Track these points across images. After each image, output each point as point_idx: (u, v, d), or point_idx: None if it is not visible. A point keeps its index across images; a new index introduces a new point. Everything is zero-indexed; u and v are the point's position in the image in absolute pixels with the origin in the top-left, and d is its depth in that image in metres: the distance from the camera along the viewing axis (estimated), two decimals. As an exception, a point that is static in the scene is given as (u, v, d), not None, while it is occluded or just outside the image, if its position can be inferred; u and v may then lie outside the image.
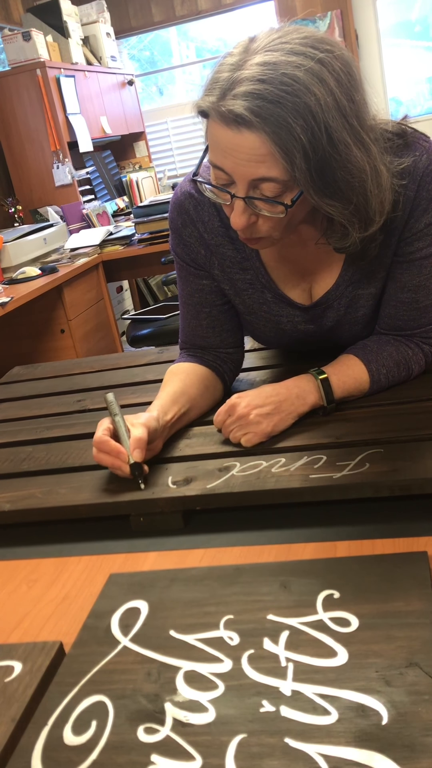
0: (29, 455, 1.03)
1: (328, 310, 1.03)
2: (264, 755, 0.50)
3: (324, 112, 0.75)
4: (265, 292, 1.04)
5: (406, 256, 0.95)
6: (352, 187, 0.80)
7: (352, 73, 0.79)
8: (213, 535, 0.81)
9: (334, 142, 0.76)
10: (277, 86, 0.74)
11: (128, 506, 0.85)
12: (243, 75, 0.75)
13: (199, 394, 1.03)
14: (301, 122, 0.74)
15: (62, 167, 3.63)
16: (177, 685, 0.57)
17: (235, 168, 0.80)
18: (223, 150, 0.80)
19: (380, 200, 0.84)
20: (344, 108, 0.77)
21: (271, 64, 0.74)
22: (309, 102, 0.74)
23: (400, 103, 4.67)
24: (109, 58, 4.34)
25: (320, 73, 0.75)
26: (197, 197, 1.00)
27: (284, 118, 0.74)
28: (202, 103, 0.80)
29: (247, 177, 0.80)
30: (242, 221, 0.84)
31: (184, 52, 5.05)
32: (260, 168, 0.78)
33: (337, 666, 0.56)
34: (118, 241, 3.26)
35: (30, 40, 3.50)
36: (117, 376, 1.33)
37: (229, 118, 0.76)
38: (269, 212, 0.83)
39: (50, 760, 0.52)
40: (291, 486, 0.80)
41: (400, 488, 0.78)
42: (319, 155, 0.76)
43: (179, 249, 1.06)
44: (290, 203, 0.81)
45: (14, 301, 2.43)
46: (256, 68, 0.75)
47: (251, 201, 0.82)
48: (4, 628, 0.71)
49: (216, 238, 1.02)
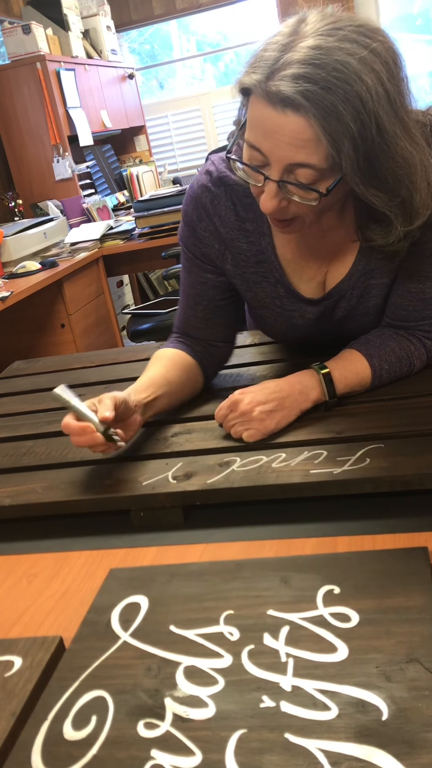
0: (29, 450, 1.03)
1: (341, 300, 1.02)
2: (264, 750, 0.50)
3: (374, 101, 0.74)
4: (278, 286, 1.04)
5: (418, 245, 0.94)
6: (399, 179, 0.79)
7: (401, 65, 0.78)
8: (213, 531, 0.81)
9: (383, 133, 0.76)
10: (329, 72, 0.73)
11: (128, 501, 0.85)
12: (294, 57, 0.74)
13: (179, 381, 1.04)
14: (351, 110, 0.73)
15: (62, 161, 3.62)
16: (177, 681, 0.57)
17: (273, 150, 0.79)
18: (264, 130, 0.78)
19: (427, 193, 0.82)
20: (394, 99, 0.76)
21: (323, 49, 0.73)
22: (360, 90, 0.73)
23: (402, 97, 4.65)
24: (110, 51, 4.32)
25: (372, 63, 0.74)
26: (214, 191, 0.99)
27: (334, 105, 0.73)
28: (247, 80, 0.78)
29: (284, 160, 0.79)
30: (273, 205, 0.83)
31: (184, 45, 5.03)
32: (300, 153, 0.77)
33: (338, 661, 0.56)
34: (119, 236, 3.25)
35: (30, 34, 3.49)
36: (117, 371, 1.33)
37: (277, 98, 0.75)
38: (301, 198, 0.82)
39: (50, 755, 0.53)
40: (291, 481, 0.80)
41: (401, 484, 0.78)
42: (367, 144, 0.76)
43: (191, 242, 1.05)
44: (325, 192, 0.80)
45: (14, 295, 2.42)
46: (308, 51, 0.73)
47: (284, 185, 0.81)
48: (4, 623, 0.71)
49: (231, 232, 1.01)
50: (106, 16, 4.29)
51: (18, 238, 2.94)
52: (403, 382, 1.01)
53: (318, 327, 1.07)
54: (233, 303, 1.11)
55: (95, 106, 4.02)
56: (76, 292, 2.92)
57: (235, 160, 0.86)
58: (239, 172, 0.87)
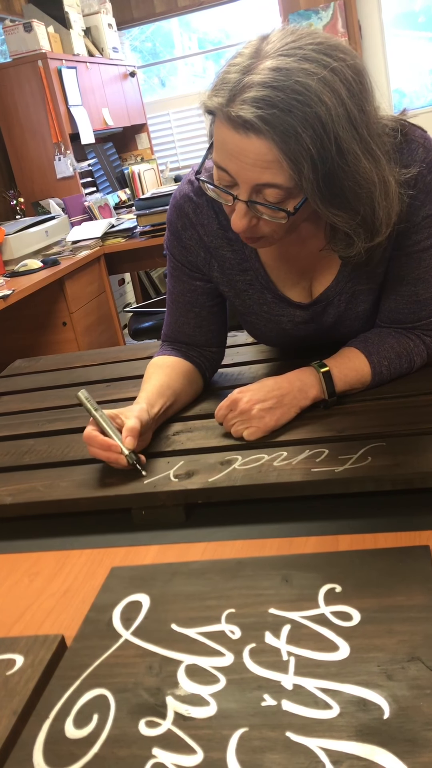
0: (31, 448, 1.03)
1: (329, 306, 1.03)
2: (265, 749, 0.50)
3: (334, 122, 0.74)
4: (265, 292, 1.04)
5: (404, 248, 0.94)
6: (359, 198, 0.79)
7: (364, 83, 0.78)
8: (214, 529, 0.81)
9: (343, 153, 0.76)
10: (288, 94, 0.73)
11: (130, 500, 0.85)
12: (254, 79, 0.74)
13: (183, 389, 1.04)
14: (311, 132, 0.73)
15: (64, 159, 3.61)
16: (178, 679, 0.57)
17: (239, 171, 0.79)
18: (228, 152, 0.79)
19: (387, 211, 0.83)
20: (355, 118, 0.76)
21: (283, 70, 0.73)
22: (319, 112, 0.73)
23: (404, 95, 4.64)
24: (111, 49, 4.32)
25: (332, 83, 0.74)
26: (196, 200, 1.00)
27: (294, 127, 0.73)
28: (210, 103, 0.79)
29: (251, 181, 0.79)
30: (243, 224, 0.84)
31: (186, 43, 5.03)
32: (265, 174, 0.78)
33: (339, 660, 0.56)
34: (120, 234, 3.25)
35: (31, 31, 3.48)
36: (119, 369, 1.33)
37: (238, 122, 0.75)
38: (271, 217, 0.83)
39: (52, 754, 0.53)
40: (293, 480, 0.80)
41: (403, 482, 0.78)
42: (327, 165, 0.76)
43: (176, 251, 1.06)
44: (293, 210, 0.81)
45: (16, 293, 2.42)
46: (268, 73, 0.74)
47: (253, 205, 0.82)
48: (6, 622, 0.71)
49: (215, 240, 1.02)
50: (107, 14, 4.28)
51: (19, 237, 2.94)
52: (404, 380, 1.01)
53: (308, 331, 1.07)
54: (223, 307, 1.12)
55: (97, 103, 4.02)
56: (77, 291, 2.92)
57: (204, 182, 0.87)
58: (210, 193, 0.88)
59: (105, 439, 0.88)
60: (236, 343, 1.32)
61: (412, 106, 4.56)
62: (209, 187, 0.86)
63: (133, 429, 0.88)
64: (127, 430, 0.88)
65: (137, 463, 0.87)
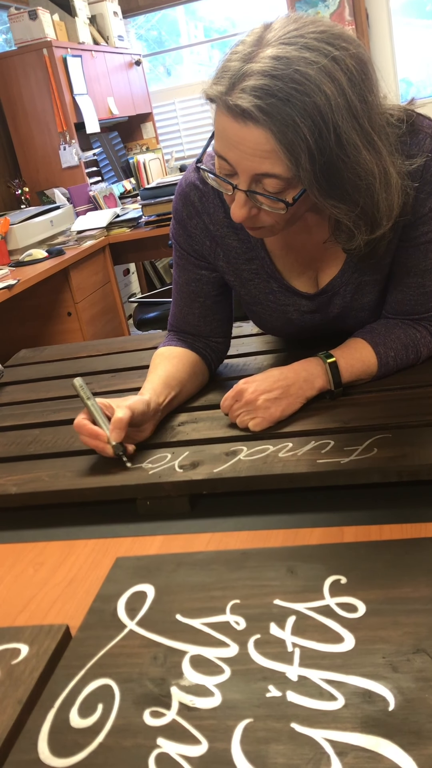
0: (36, 438, 1.03)
1: (335, 297, 1.02)
2: (270, 740, 0.49)
3: (334, 112, 0.73)
4: (270, 281, 1.03)
5: (411, 240, 0.94)
6: (359, 190, 0.79)
7: (366, 72, 0.77)
8: (219, 520, 0.81)
9: (343, 144, 0.75)
10: (287, 83, 0.72)
11: (135, 490, 0.85)
12: (254, 68, 0.73)
13: (188, 379, 1.04)
14: (309, 122, 0.73)
15: (69, 148, 3.60)
16: (183, 669, 0.57)
17: (239, 160, 0.79)
18: (228, 141, 0.78)
19: (388, 203, 0.82)
20: (355, 108, 0.75)
21: (283, 59, 0.72)
22: (319, 101, 0.72)
23: (411, 84, 4.60)
24: (117, 37, 4.29)
25: (333, 72, 0.73)
26: (202, 188, 0.99)
27: (292, 117, 0.72)
28: (210, 92, 0.78)
29: (250, 171, 0.79)
30: (242, 213, 0.84)
31: (192, 31, 4.99)
32: (264, 164, 0.77)
33: (344, 651, 0.56)
34: (125, 224, 3.24)
35: (36, 19, 3.46)
36: (123, 360, 1.32)
37: (236, 111, 0.75)
38: (270, 207, 0.82)
39: (56, 743, 0.53)
40: (298, 471, 0.80)
41: (409, 474, 0.77)
42: (326, 156, 0.75)
43: (182, 239, 1.05)
44: (292, 201, 0.80)
45: (21, 283, 2.42)
46: (268, 62, 0.73)
47: (253, 195, 0.81)
48: (11, 611, 0.71)
49: (221, 229, 1.01)
50: (113, 2, 4.25)
51: (24, 226, 2.93)
52: (411, 371, 1.00)
53: (314, 321, 1.07)
54: (228, 297, 1.11)
55: (102, 92, 4.00)
56: (82, 281, 2.91)
57: (205, 170, 0.86)
58: (210, 182, 0.88)
59: (93, 427, 0.89)
60: (242, 334, 1.32)
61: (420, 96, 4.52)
62: (210, 176, 0.86)
63: (119, 421, 0.88)
64: (114, 422, 0.88)
65: (123, 454, 0.88)
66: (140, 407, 0.92)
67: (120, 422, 0.88)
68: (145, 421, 0.93)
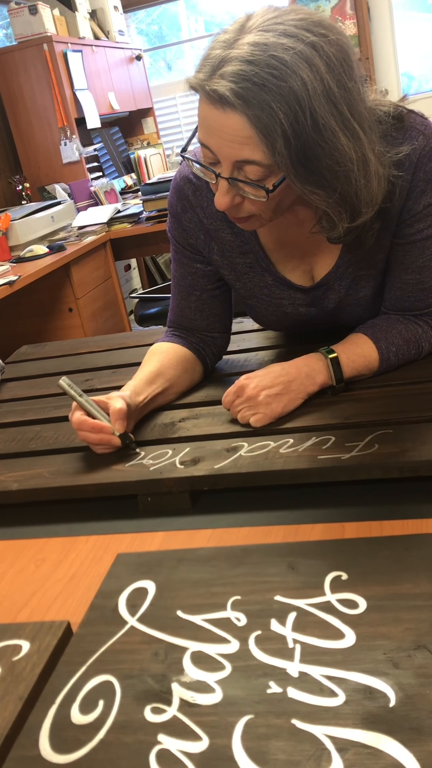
0: (37, 434, 1.03)
1: (330, 291, 1.02)
2: (271, 736, 0.49)
3: (311, 97, 0.73)
4: (265, 275, 1.03)
5: (407, 237, 0.94)
6: (336, 176, 0.78)
7: (347, 59, 0.77)
8: (220, 516, 0.81)
9: (320, 129, 0.75)
10: (263, 68, 0.72)
11: (136, 486, 0.85)
12: (232, 54, 0.74)
13: (177, 375, 1.04)
14: (285, 107, 0.73)
15: (70, 144, 3.59)
16: (184, 666, 0.57)
17: (219, 148, 0.79)
18: (209, 128, 0.79)
19: (368, 191, 0.82)
20: (333, 94, 0.75)
21: (261, 45, 0.73)
22: (295, 86, 0.72)
23: (413, 78, 4.58)
24: (117, 32, 4.28)
25: (310, 58, 0.73)
26: (195, 182, 1.00)
27: (267, 102, 0.73)
28: (192, 80, 0.79)
29: (231, 158, 0.79)
30: (225, 201, 0.84)
31: (192, 26, 4.97)
32: (243, 150, 0.77)
33: (345, 648, 0.56)
34: (126, 219, 3.24)
35: (37, 14, 3.45)
36: (125, 356, 1.32)
37: (214, 97, 0.75)
38: (252, 195, 0.82)
39: (58, 739, 0.53)
40: (299, 467, 0.80)
41: (410, 470, 0.77)
42: (302, 141, 0.75)
43: (177, 233, 1.06)
44: (272, 188, 0.80)
45: (22, 279, 2.42)
46: (247, 48, 0.73)
47: (235, 182, 0.81)
48: (12, 608, 0.71)
49: (215, 222, 1.01)
50: (113, -4, 4.24)
51: (25, 222, 2.93)
52: (412, 367, 1.00)
53: (309, 315, 1.06)
54: (226, 292, 1.11)
55: (102, 87, 3.99)
56: (83, 276, 2.91)
57: (189, 159, 0.87)
58: (195, 171, 0.88)
59: (95, 421, 0.89)
60: (242, 330, 1.32)
61: (421, 90, 4.51)
62: (195, 165, 0.86)
63: (120, 411, 0.89)
64: (115, 413, 0.89)
65: (130, 444, 0.89)
66: (126, 400, 0.92)
67: (121, 412, 0.89)
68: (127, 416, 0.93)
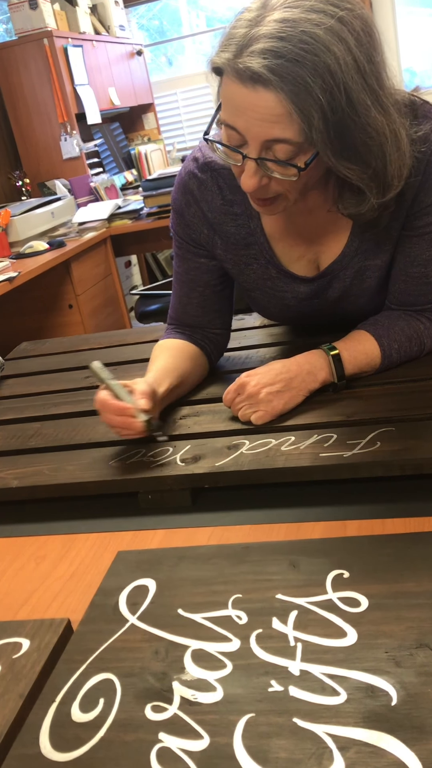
0: (37, 432, 1.03)
1: (334, 280, 1.02)
2: (272, 735, 0.49)
3: (343, 72, 0.73)
4: (269, 267, 1.03)
5: (415, 230, 0.94)
6: (370, 150, 0.78)
7: (372, 33, 0.77)
8: (221, 514, 0.81)
9: (354, 103, 0.75)
10: (296, 44, 0.72)
11: (136, 483, 0.84)
12: (261, 31, 0.73)
13: (189, 371, 1.04)
14: (320, 82, 0.72)
15: (70, 139, 3.58)
16: (185, 664, 0.57)
17: (248, 127, 0.78)
18: (237, 108, 0.78)
19: (399, 164, 0.82)
20: (364, 68, 0.75)
21: (290, 21, 0.72)
22: (328, 61, 0.72)
23: (415, 74, 4.57)
24: (118, 27, 4.26)
25: (340, 32, 0.73)
26: (200, 177, 0.99)
27: (303, 77, 0.72)
28: (218, 59, 0.77)
29: (260, 137, 0.78)
30: (253, 183, 0.82)
31: (194, 21, 4.95)
32: (275, 128, 0.76)
33: (347, 646, 0.56)
34: (127, 215, 3.23)
35: (37, 9, 3.44)
36: (125, 353, 1.32)
37: (246, 75, 0.74)
38: (281, 175, 0.81)
39: (58, 737, 0.53)
40: (301, 464, 0.80)
41: (412, 467, 0.77)
42: (337, 116, 0.74)
43: (180, 228, 1.05)
44: (303, 166, 0.79)
45: (22, 275, 2.41)
46: (275, 25, 0.73)
47: (263, 163, 0.80)
48: (12, 605, 0.71)
49: (219, 216, 1.01)
50: (114, -9, 4.22)
51: (25, 218, 2.92)
52: (414, 364, 1.00)
53: (312, 307, 1.06)
54: (228, 288, 1.11)
55: (103, 83, 3.97)
56: (83, 273, 2.90)
57: (213, 141, 0.85)
58: (219, 153, 0.87)
59: (119, 402, 0.87)
60: (244, 327, 1.32)
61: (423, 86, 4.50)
62: (218, 147, 0.85)
63: (146, 391, 0.88)
64: (141, 393, 0.88)
65: (156, 429, 0.87)
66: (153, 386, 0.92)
67: (146, 392, 0.88)
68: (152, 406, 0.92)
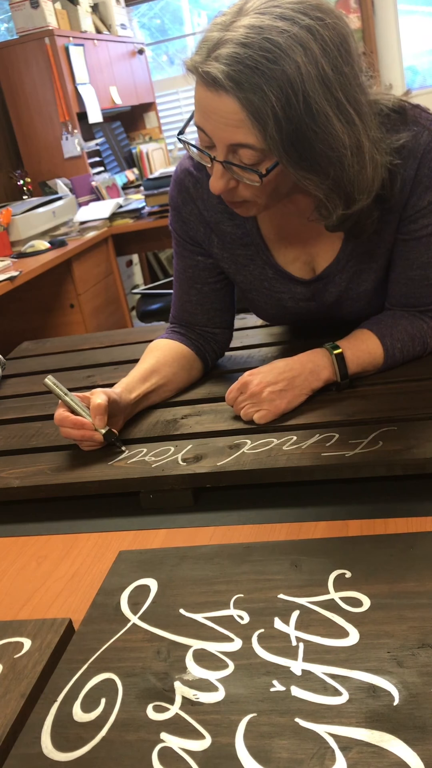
0: (38, 431, 1.03)
1: (330, 284, 1.01)
2: (274, 735, 0.49)
3: (304, 81, 0.73)
4: (266, 268, 1.03)
5: (411, 233, 0.94)
6: (329, 161, 0.78)
7: (344, 45, 0.76)
8: (223, 513, 0.81)
9: (313, 113, 0.74)
10: (256, 51, 0.72)
11: (138, 483, 0.84)
12: (228, 36, 0.74)
13: (173, 373, 1.04)
14: (277, 90, 0.72)
15: (71, 138, 3.58)
16: (186, 664, 0.57)
17: (214, 131, 0.79)
18: (204, 111, 0.79)
19: (363, 177, 0.81)
20: (328, 78, 0.74)
21: (256, 28, 0.73)
22: (287, 70, 0.72)
23: (417, 73, 4.56)
24: (119, 26, 4.25)
25: (305, 41, 0.73)
26: (196, 174, 0.99)
27: (258, 85, 0.72)
28: (189, 62, 0.79)
29: (225, 141, 0.79)
30: (220, 185, 0.83)
31: (195, 20, 4.94)
32: (237, 133, 0.77)
33: (349, 646, 0.56)
34: (128, 214, 3.23)
35: (38, 8, 3.43)
36: (126, 352, 1.32)
37: (208, 79, 0.75)
38: (246, 179, 0.82)
39: (59, 737, 0.53)
40: (302, 464, 0.80)
41: (414, 467, 0.77)
42: (294, 125, 0.74)
43: (177, 225, 1.05)
44: (265, 172, 0.80)
45: (23, 275, 2.41)
46: (242, 31, 0.73)
47: (229, 166, 0.81)
48: (14, 605, 0.71)
49: (215, 215, 1.01)
50: (115, -10, 4.21)
51: (27, 217, 2.92)
52: (417, 364, 1.00)
53: (309, 309, 1.06)
54: (227, 286, 1.11)
55: (104, 82, 3.97)
56: (85, 272, 2.90)
57: (185, 142, 0.86)
58: (192, 153, 0.87)
59: (76, 417, 0.90)
60: (245, 326, 1.31)
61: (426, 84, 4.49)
62: (192, 148, 0.86)
63: (99, 407, 0.89)
64: (94, 409, 0.89)
65: (115, 441, 0.90)
66: (114, 396, 0.92)
67: (100, 408, 0.89)
68: (115, 413, 0.93)
